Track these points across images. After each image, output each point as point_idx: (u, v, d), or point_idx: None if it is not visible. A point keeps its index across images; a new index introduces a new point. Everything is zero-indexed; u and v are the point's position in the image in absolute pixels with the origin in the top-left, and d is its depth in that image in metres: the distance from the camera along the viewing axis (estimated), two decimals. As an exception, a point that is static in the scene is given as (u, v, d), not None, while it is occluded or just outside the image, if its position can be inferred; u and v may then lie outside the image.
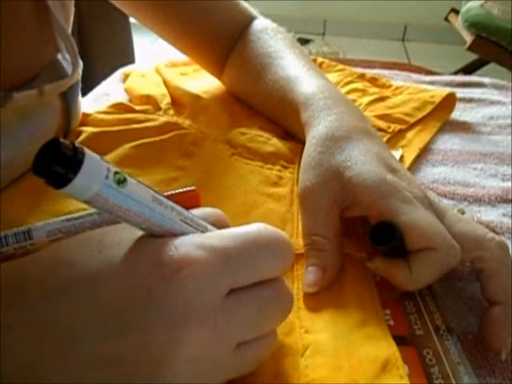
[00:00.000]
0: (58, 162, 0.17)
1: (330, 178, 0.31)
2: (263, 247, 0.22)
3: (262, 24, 0.50)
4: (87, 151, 0.18)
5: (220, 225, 0.24)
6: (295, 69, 0.44)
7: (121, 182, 0.18)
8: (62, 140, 0.17)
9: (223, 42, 0.50)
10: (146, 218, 0.20)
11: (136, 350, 0.19)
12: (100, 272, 0.20)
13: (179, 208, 0.21)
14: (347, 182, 0.30)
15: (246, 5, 0.51)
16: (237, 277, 0.21)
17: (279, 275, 0.23)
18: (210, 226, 0.23)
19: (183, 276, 0.19)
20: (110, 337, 0.19)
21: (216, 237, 0.22)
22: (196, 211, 0.24)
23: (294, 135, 0.43)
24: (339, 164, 0.31)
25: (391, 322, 0.28)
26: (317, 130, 0.35)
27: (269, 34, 0.49)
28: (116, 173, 0.18)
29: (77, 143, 0.17)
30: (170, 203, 0.21)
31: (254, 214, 0.35)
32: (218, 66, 0.51)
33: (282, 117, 0.45)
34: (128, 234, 0.22)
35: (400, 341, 0.26)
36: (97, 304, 0.20)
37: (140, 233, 0.21)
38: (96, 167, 0.18)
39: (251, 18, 0.51)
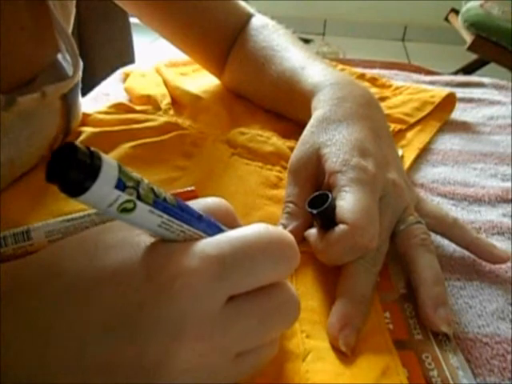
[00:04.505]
0: (76, 169, 0.16)
1: (311, 153, 0.34)
2: (263, 250, 0.20)
3: (261, 20, 0.51)
4: (104, 156, 0.17)
5: (223, 215, 0.23)
6: (300, 59, 0.44)
7: (127, 210, 0.17)
8: (78, 145, 0.16)
9: (223, 39, 0.50)
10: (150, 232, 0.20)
11: (131, 361, 0.19)
12: (93, 284, 0.20)
13: (186, 226, 0.20)
14: (321, 158, 0.33)
15: (242, 3, 0.52)
16: (234, 284, 0.20)
17: (283, 279, 0.22)
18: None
19: (176, 288, 0.19)
20: (106, 347, 0.19)
21: (211, 243, 0.20)
22: (199, 201, 0.24)
23: (302, 124, 0.43)
24: (321, 142, 0.34)
25: (391, 326, 0.28)
26: (318, 112, 0.37)
27: (270, 30, 0.49)
28: (127, 201, 0.17)
29: (93, 148, 0.16)
30: (179, 227, 0.20)
31: (254, 216, 0.35)
32: (218, 64, 0.51)
33: (289, 108, 0.45)
34: (123, 235, 0.21)
35: (399, 345, 0.26)
36: (92, 315, 0.19)
37: (135, 232, 0.21)
38: (108, 187, 0.17)
39: (250, 15, 0.51)
